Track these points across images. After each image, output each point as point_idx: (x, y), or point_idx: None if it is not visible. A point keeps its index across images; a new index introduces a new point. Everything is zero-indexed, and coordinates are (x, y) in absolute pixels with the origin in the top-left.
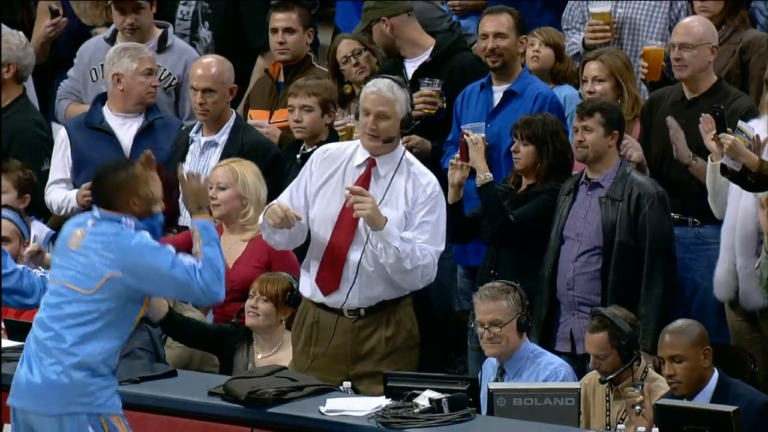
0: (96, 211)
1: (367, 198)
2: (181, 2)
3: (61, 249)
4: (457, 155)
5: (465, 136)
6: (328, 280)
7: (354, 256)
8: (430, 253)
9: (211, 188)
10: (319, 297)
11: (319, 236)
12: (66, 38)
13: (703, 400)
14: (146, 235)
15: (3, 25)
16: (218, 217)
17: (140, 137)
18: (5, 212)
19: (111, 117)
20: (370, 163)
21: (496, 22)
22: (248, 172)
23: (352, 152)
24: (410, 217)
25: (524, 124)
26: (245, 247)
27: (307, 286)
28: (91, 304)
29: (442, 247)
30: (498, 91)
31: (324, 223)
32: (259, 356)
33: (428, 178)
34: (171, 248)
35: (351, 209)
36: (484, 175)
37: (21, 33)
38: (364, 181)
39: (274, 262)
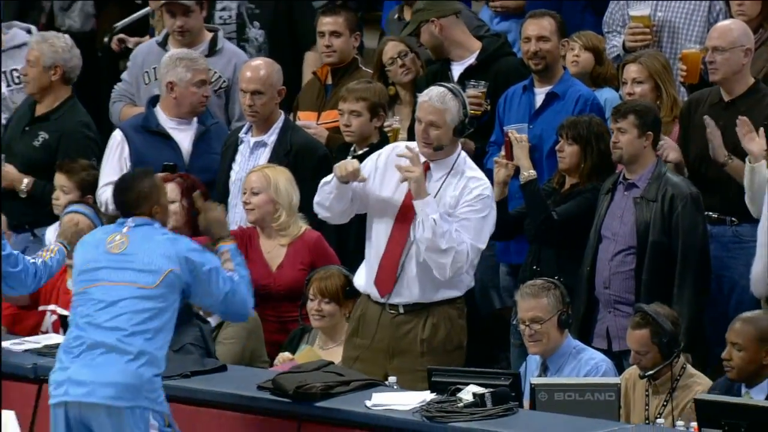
0: (130, 220)
1: (417, 166)
2: (218, 8)
3: (98, 254)
4: (502, 153)
5: (509, 134)
6: (386, 281)
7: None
8: (466, 243)
9: (245, 193)
10: (367, 290)
11: (378, 232)
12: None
13: (760, 395)
14: None
15: (49, 30)
16: (252, 221)
17: (198, 142)
18: (81, 208)
19: (165, 120)
20: (425, 167)
21: (539, 26)
22: (281, 177)
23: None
24: (453, 214)
25: (570, 125)
26: (286, 251)
27: (362, 277)
28: (155, 300)
29: (482, 246)
30: (540, 93)
31: (383, 219)
32: (320, 349)
33: (480, 182)
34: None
35: (408, 208)
36: (528, 173)
37: (67, 35)
38: None
39: (317, 262)
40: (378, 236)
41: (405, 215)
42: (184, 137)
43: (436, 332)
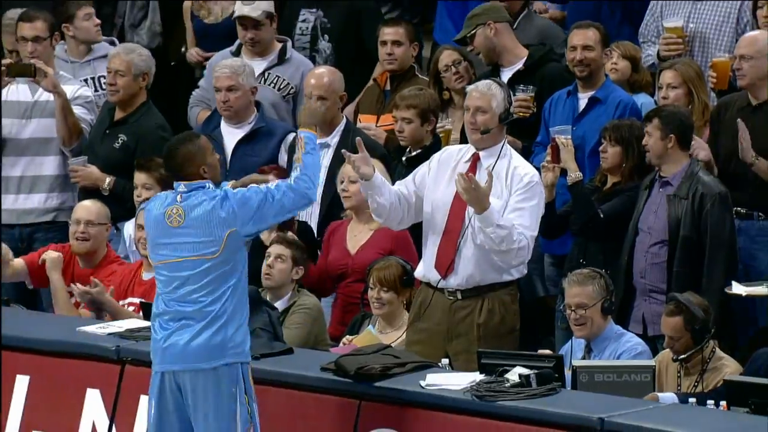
0: (180, 186)
1: (472, 184)
2: (300, 19)
3: (161, 231)
4: (549, 158)
5: (556, 139)
6: (444, 262)
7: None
8: (525, 237)
9: (342, 182)
10: (427, 276)
11: (435, 222)
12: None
13: None
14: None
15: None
16: (349, 207)
17: (240, 144)
18: None
19: (224, 124)
20: (475, 157)
21: (584, 36)
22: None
23: (464, 152)
24: (508, 203)
25: (613, 128)
26: (371, 235)
27: (421, 265)
28: (222, 265)
29: (535, 233)
30: (583, 98)
31: (439, 210)
32: (379, 334)
33: (527, 169)
34: (257, 187)
35: (462, 198)
36: (575, 174)
37: (143, 47)
38: (470, 172)
39: (397, 251)
40: (435, 225)
41: (460, 202)
42: (231, 140)
43: (491, 317)
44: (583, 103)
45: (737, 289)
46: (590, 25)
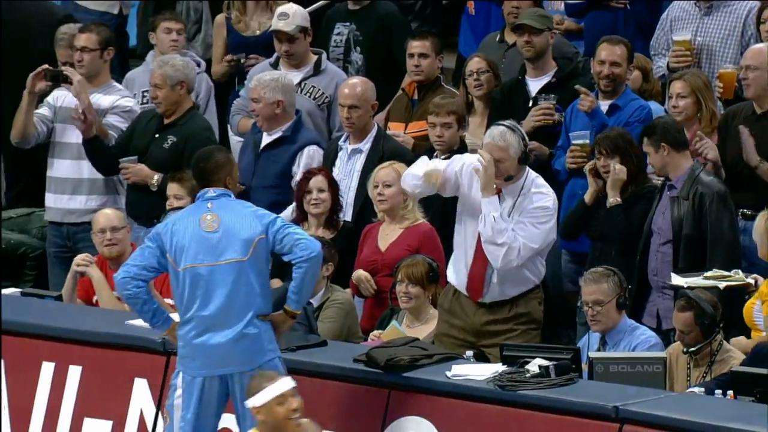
0: (211, 192)
1: (489, 160)
2: (335, 32)
3: (195, 237)
4: (591, 166)
5: (613, 168)
6: (476, 290)
7: None
8: (520, 240)
9: (377, 186)
10: (460, 288)
11: (467, 237)
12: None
13: None
14: None
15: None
16: (384, 210)
17: (265, 150)
18: None
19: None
20: (498, 190)
21: (612, 52)
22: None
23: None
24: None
25: (605, 139)
26: (400, 233)
27: (452, 276)
28: (251, 266)
29: (535, 246)
30: (604, 105)
31: (471, 224)
32: (407, 327)
33: (543, 197)
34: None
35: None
36: (615, 200)
37: (178, 55)
38: None
39: (424, 248)
40: (466, 242)
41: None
42: (262, 144)
43: (518, 318)
44: (603, 110)
45: (676, 280)
46: (619, 41)
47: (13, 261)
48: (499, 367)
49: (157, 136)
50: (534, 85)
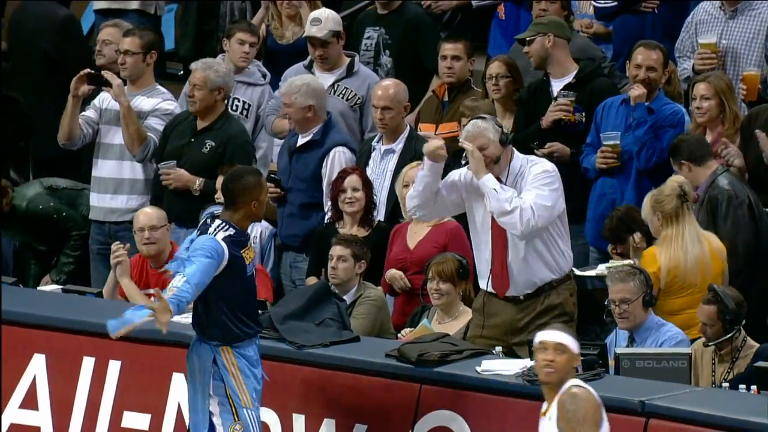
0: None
1: (472, 147)
2: (365, 36)
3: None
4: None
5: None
6: (501, 285)
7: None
8: (528, 199)
9: (407, 186)
10: (483, 285)
11: (480, 241)
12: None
13: None
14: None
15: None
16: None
17: (296, 152)
18: None
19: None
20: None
21: (649, 57)
22: None
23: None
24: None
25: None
26: (428, 231)
27: (481, 276)
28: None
29: (546, 204)
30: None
31: (483, 229)
32: (438, 324)
33: (540, 164)
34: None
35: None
36: None
37: (220, 60)
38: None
39: (451, 245)
40: (484, 246)
41: (496, 225)
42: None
43: (550, 310)
44: None
45: (577, 271)
46: (656, 46)
47: (60, 232)
48: (527, 363)
49: (192, 140)
50: (556, 85)
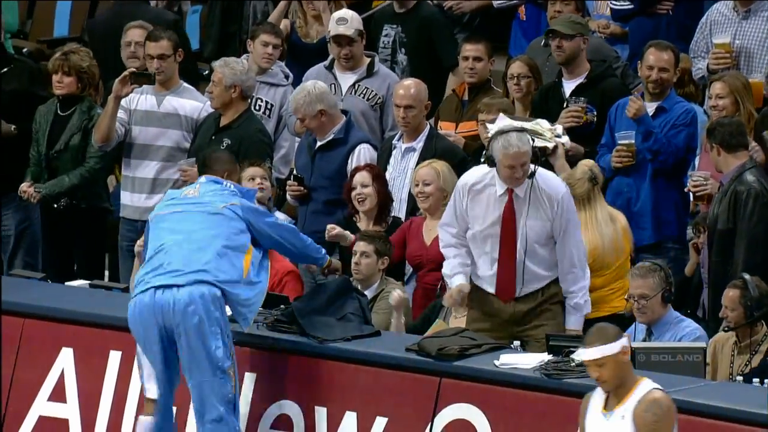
0: (201, 178)
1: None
2: (382, 34)
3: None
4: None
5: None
6: (507, 291)
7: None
8: (581, 270)
9: (418, 185)
10: (488, 289)
11: (485, 249)
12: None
13: None
14: None
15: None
16: (425, 208)
17: (318, 152)
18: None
19: None
20: (510, 192)
21: (660, 58)
22: (445, 169)
23: (491, 182)
24: (555, 222)
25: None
26: None
27: (475, 274)
28: None
29: (582, 248)
30: (650, 107)
31: (488, 239)
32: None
33: (556, 189)
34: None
35: (507, 221)
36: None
37: (244, 60)
38: (509, 207)
39: None
40: (491, 248)
41: (507, 228)
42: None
43: (549, 298)
44: (650, 111)
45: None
46: (667, 47)
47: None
48: (545, 356)
49: (213, 138)
50: (568, 87)
